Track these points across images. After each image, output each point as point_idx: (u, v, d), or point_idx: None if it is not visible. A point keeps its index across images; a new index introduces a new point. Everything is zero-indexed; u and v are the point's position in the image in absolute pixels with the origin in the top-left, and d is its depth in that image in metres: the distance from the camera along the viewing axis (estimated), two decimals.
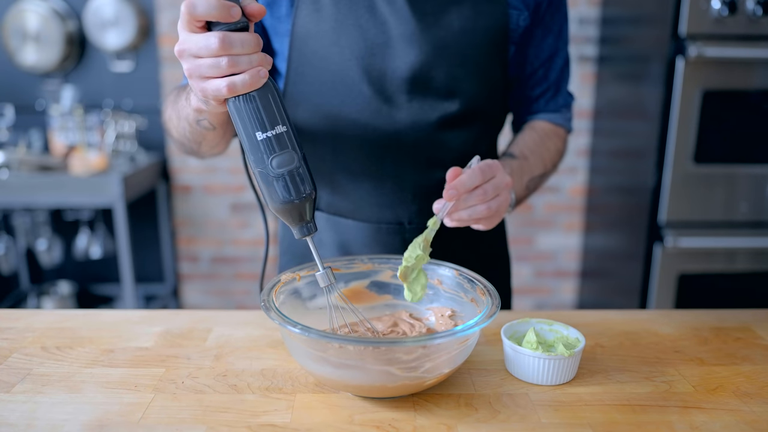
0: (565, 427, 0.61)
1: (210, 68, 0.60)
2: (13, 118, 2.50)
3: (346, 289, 0.79)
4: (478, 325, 0.62)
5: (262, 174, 0.63)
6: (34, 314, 0.89)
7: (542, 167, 0.95)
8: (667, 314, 0.91)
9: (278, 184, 0.63)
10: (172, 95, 0.85)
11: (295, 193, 0.64)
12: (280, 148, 0.62)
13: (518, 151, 0.93)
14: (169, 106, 0.84)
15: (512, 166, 0.88)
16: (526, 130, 0.98)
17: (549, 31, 0.94)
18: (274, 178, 0.63)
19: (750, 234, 1.93)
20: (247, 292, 2.82)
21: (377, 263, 0.80)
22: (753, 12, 1.76)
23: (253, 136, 0.62)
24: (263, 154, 0.62)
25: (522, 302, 2.84)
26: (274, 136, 0.62)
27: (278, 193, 0.63)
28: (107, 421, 0.61)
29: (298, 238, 0.67)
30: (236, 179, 2.69)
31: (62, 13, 2.54)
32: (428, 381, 0.63)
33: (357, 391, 0.65)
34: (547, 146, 0.97)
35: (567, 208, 2.72)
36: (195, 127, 0.78)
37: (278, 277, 0.74)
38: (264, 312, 0.65)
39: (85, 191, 2.20)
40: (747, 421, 0.63)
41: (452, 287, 0.77)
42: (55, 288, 2.74)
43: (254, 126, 0.62)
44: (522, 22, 0.88)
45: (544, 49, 0.95)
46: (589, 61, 2.55)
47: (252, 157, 0.63)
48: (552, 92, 0.99)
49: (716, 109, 1.85)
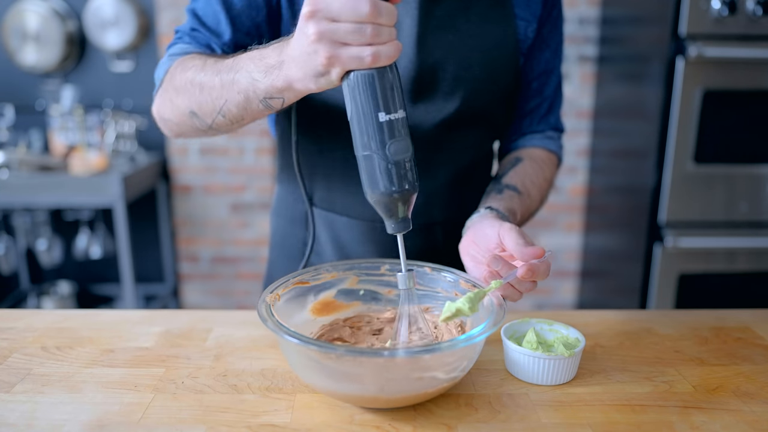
0: (565, 427, 0.61)
1: (350, 34, 0.56)
2: (13, 118, 2.50)
3: (317, 302, 0.76)
4: (482, 334, 0.61)
5: (375, 158, 0.60)
6: (34, 314, 0.89)
7: (540, 202, 0.95)
8: (667, 314, 0.91)
9: (393, 171, 0.60)
10: (195, 60, 0.76)
11: (408, 182, 0.61)
12: (400, 133, 0.60)
13: (521, 184, 0.90)
14: (193, 70, 0.75)
15: (516, 204, 0.86)
16: (527, 161, 0.94)
17: (546, 45, 0.94)
18: (390, 164, 0.60)
19: (750, 234, 1.93)
20: (247, 292, 2.82)
21: (341, 271, 0.78)
22: (753, 12, 1.76)
23: (376, 116, 0.59)
24: (384, 136, 0.59)
25: (522, 302, 2.84)
26: (397, 120, 0.60)
27: (392, 180, 0.60)
28: (107, 421, 0.61)
29: (392, 232, 0.65)
30: (236, 179, 2.69)
31: (62, 13, 2.54)
32: (434, 389, 0.62)
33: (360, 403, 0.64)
34: (545, 177, 0.95)
35: (567, 208, 2.72)
36: (254, 104, 0.69)
37: (268, 294, 0.70)
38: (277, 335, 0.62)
39: (85, 191, 2.20)
40: (747, 421, 0.63)
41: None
42: (55, 288, 2.74)
43: (379, 105, 0.59)
44: (530, 33, 0.89)
45: (541, 63, 0.95)
46: (589, 61, 2.55)
47: (369, 139, 0.60)
48: (545, 109, 0.98)
49: (716, 109, 1.85)
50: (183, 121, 0.79)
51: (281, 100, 0.68)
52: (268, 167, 2.67)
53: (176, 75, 0.78)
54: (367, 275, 0.78)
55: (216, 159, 2.66)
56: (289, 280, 0.72)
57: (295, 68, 0.61)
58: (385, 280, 0.79)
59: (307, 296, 0.75)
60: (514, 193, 0.87)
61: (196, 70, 0.75)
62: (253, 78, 0.67)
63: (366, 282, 0.79)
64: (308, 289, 0.75)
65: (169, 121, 0.82)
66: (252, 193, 2.70)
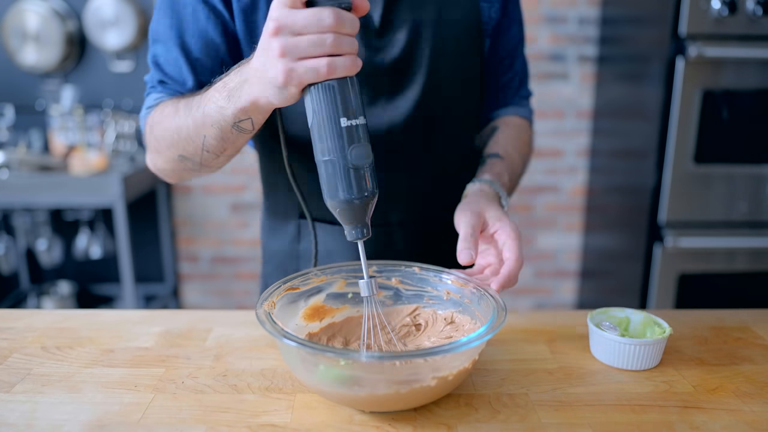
0: (565, 427, 0.61)
1: (311, 46, 0.57)
2: (13, 118, 2.50)
3: (307, 307, 0.76)
4: (482, 337, 0.60)
5: (335, 164, 0.61)
6: (34, 314, 0.89)
7: (522, 164, 0.97)
8: (666, 314, 0.91)
9: (352, 177, 0.61)
10: (167, 108, 0.79)
11: (367, 188, 0.62)
12: (360, 138, 0.61)
13: (502, 150, 0.93)
14: (169, 118, 0.77)
15: (502, 168, 0.89)
16: (502, 127, 0.97)
17: (513, 21, 0.95)
18: (350, 169, 0.61)
19: (749, 234, 1.93)
20: (247, 292, 2.82)
21: (329, 275, 0.78)
22: (753, 12, 1.76)
23: (337, 122, 0.60)
24: (345, 142, 0.60)
25: (522, 302, 2.84)
26: (358, 125, 0.61)
27: (351, 186, 0.61)
28: (107, 421, 0.61)
29: (351, 239, 0.65)
30: (236, 179, 2.69)
31: (62, 13, 2.54)
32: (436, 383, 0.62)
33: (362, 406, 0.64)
34: (524, 140, 0.98)
35: (567, 208, 2.72)
36: (228, 132, 0.71)
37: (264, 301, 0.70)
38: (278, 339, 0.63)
39: (85, 191, 2.20)
40: (747, 421, 0.63)
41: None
42: (55, 288, 2.74)
43: (340, 111, 0.60)
44: (494, 14, 0.89)
45: (509, 39, 0.96)
46: (589, 61, 2.55)
47: (330, 144, 0.61)
48: (517, 82, 1.01)
49: (716, 109, 1.85)
50: (176, 167, 0.82)
51: (250, 121, 0.68)
52: None
53: (154, 127, 0.80)
54: (355, 278, 0.78)
55: None
56: (281, 286, 0.72)
57: (257, 85, 0.62)
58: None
59: (298, 302, 0.75)
60: (497, 159, 0.90)
61: (171, 116, 0.77)
62: (219, 106, 0.68)
63: (353, 285, 0.78)
64: (299, 295, 0.75)
65: (164, 170, 0.85)
66: (252, 193, 2.71)
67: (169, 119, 0.77)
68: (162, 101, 0.82)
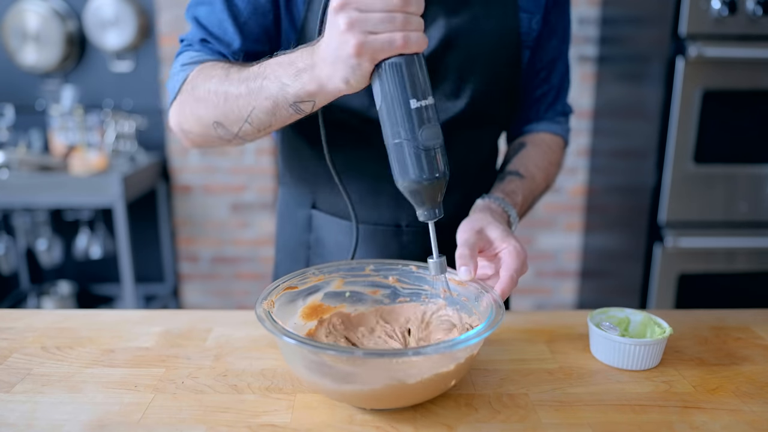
0: (565, 427, 0.61)
1: (381, 23, 0.57)
2: (13, 118, 2.50)
3: (305, 306, 0.76)
4: (480, 335, 0.60)
5: (406, 146, 0.61)
6: (34, 314, 0.89)
7: (545, 184, 0.95)
8: (666, 314, 0.91)
9: (423, 159, 0.61)
10: (216, 70, 0.75)
11: (439, 169, 0.62)
12: (430, 119, 0.61)
13: (524, 169, 0.91)
14: (216, 80, 0.74)
15: (518, 186, 0.88)
16: (529, 145, 0.95)
17: (553, 32, 0.92)
18: (422, 151, 0.61)
19: (750, 234, 1.93)
20: (247, 292, 2.82)
21: (326, 273, 0.78)
22: (753, 12, 1.76)
23: (407, 103, 0.60)
24: (415, 123, 0.60)
25: (522, 302, 2.84)
26: (427, 106, 0.61)
27: (423, 167, 0.61)
28: (107, 421, 0.61)
29: (423, 220, 0.65)
30: (236, 179, 2.69)
31: (62, 13, 2.54)
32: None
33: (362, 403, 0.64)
34: (551, 160, 0.96)
35: (567, 208, 2.73)
36: (283, 110, 0.69)
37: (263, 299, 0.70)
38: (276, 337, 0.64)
39: (85, 191, 2.20)
40: (747, 421, 0.63)
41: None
42: (55, 288, 2.74)
43: (409, 92, 0.60)
44: (535, 25, 0.87)
45: (548, 51, 0.93)
46: (589, 61, 2.55)
47: (400, 126, 0.61)
48: (552, 97, 0.98)
49: (716, 109, 1.85)
50: (206, 132, 0.78)
51: (311, 104, 0.67)
52: (268, 167, 2.67)
53: (198, 86, 0.76)
54: (352, 276, 0.78)
55: (216, 159, 2.66)
56: (279, 285, 0.72)
57: (327, 67, 0.61)
58: (369, 281, 0.79)
59: (296, 301, 0.75)
60: (516, 177, 0.89)
61: (220, 79, 0.73)
62: (283, 83, 0.66)
63: (351, 284, 0.79)
64: (297, 294, 0.75)
65: (191, 132, 0.80)
66: (252, 193, 2.71)
67: (217, 81, 0.73)
68: (202, 60, 0.79)
